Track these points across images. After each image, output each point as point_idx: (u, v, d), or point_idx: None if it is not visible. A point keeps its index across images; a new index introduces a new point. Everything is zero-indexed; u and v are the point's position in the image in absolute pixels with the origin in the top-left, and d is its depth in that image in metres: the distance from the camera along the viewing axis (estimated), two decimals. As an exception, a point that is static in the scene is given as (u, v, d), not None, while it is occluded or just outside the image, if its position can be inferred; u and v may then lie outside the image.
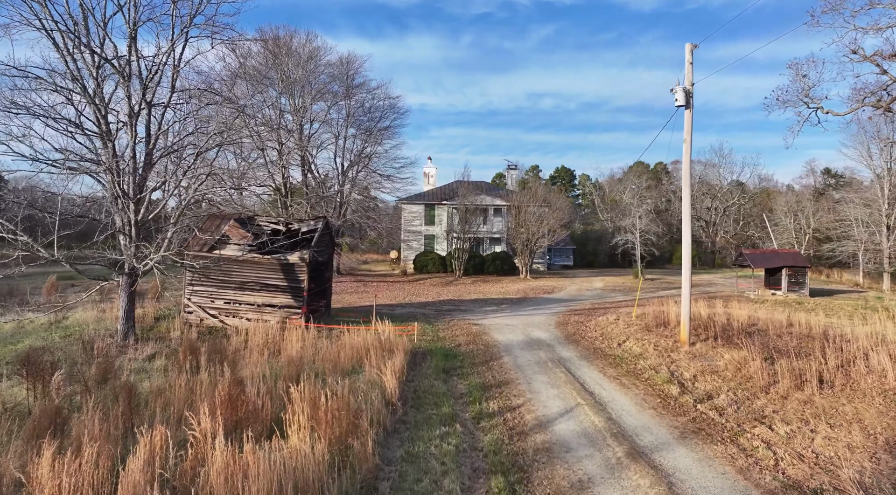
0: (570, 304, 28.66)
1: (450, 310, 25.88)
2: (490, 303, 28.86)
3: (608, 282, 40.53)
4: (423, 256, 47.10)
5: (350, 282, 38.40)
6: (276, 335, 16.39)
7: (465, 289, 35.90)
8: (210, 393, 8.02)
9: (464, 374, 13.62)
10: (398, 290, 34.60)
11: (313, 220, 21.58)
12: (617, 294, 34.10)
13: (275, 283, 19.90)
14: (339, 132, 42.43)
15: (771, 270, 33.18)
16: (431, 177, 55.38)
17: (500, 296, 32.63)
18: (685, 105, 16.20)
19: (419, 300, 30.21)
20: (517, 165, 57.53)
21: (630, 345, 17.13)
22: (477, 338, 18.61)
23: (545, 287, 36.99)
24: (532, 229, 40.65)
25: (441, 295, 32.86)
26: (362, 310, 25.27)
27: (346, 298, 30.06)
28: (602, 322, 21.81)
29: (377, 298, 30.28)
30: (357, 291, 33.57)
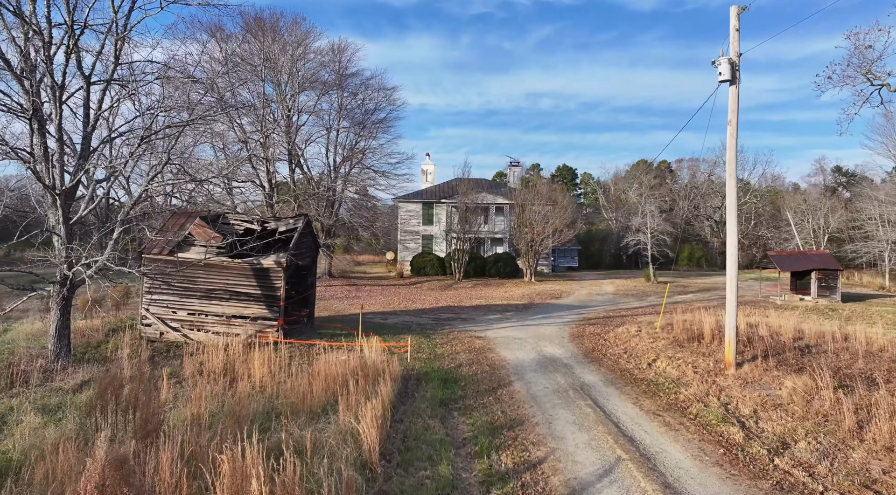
0: (581, 312, 25.98)
1: (449, 319, 23.20)
2: (494, 311, 26.19)
3: (619, 286, 37.89)
4: (421, 258, 44.44)
5: (342, 285, 35.73)
6: (241, 355, 13.70)
7: (466, 294, 33.23)
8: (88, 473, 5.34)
9: (466, 408, 10.94)
10: (393, 295, 31.91)
11: (293, 219, 18.90)
12: (630, 299, 31.44)
13: (246, 291, 17.22)
14: (331, 125, 39.78)
15: (798, 273, 30.55)
16: (429, 174, 52.73)
17: (504, 301, 29.96)
18: (730, 79, 13.54)
19: (415, 307, 27.52)
20: (519, 162, 54.91)
21: (663, 366, 14.45)
22: (481, 355, 15.93)
23: (552, 291, 34.32)
24: (537, 229, 38.00)
25: (439, 300, 30.19)
26: (352, 319, 22.57)
27: (334, 305, 27.35)
28: (622, 334, 19.14)
29: (369, 305, 27.60)
30: (348, 296, 30.88)
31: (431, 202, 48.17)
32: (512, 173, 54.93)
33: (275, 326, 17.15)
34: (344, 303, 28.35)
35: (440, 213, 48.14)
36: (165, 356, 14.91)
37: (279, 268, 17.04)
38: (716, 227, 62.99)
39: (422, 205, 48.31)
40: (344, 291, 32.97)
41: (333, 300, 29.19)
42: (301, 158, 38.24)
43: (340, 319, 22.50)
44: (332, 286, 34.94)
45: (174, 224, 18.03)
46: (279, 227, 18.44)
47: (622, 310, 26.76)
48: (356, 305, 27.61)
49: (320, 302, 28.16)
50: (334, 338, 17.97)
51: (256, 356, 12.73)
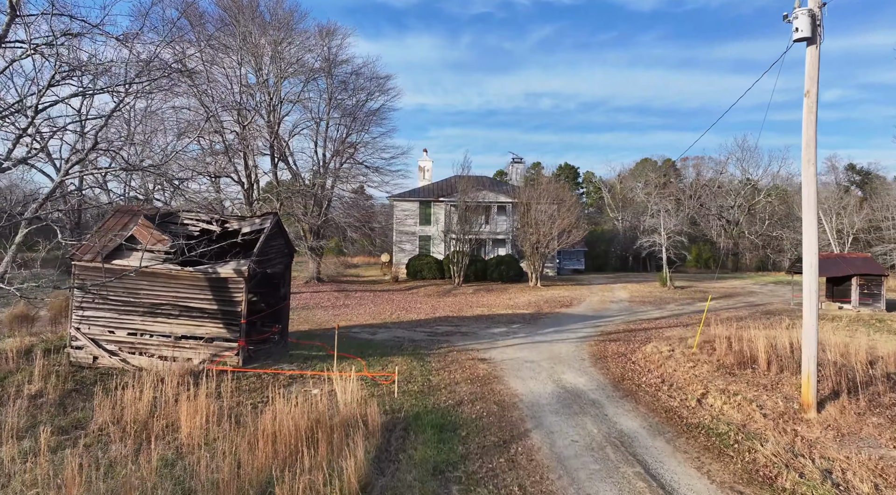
0: (597, 324, 22.92)
1: (447, 334, 20.12)
2: (498, 322, 23.12)
3: (633, 292, 34.83)
4: (418, 260, 41.37)
5: (330, 291, 32.64)
6: (182, 390, 10.62)
7: (466, 301, 30.16)
8: None
9: (470, 479, 7.89)
10: (385, 303, 28.82)
11: (259, 218, 15.79)
12: (649, 307, 28.37)
13: (200, 306, 14.14)
14: (320, 117, 36.69)
15: (835, 279, 27.51)
16: (427, 171, 49.64)
17: (509, 310, 26.88)
18: (809, 38, 10.48)
19: (410, 317, 24.43)
20: (522, 159, 51.80)
21: (718, 404, 11.38)
22: (486, 387, 12.85)
23: (560, 298, 31.25)
24: (543, 230, 34.94)
25: (437, 309, 27.10)
26: (334, 334, 19.50)
27: (317, 316, 24.26)
28: (653, 355, 16.09)
29: (357, 316, 24.51)
30: (335, 305, 27.78)
31: (429, 201, 45.10)
32: (514, 170, 51.83)
33: (234, 349, 14.07)
34: (329, 313, 25.25)
35: (438, 213, 45.08)
36: (90, 391, 11.82)
37: (240, 277, 13.96)
38: (728, 227, 59.97)
39: (419, 204, 45.23)
40: (331, 298, 29.87)
41: (318, 309, 26.09)
42: (287, 152, 35.16)
43: (321, 334, 19.42)
44: (320, 292, 31.85)
45: (116, 224, 14.94)
46: (242, 228, 15.35)
47: (643, 321, 23.69)
48: (343, 315, 24.53)
49: (302, 312, 25.09)
50: (308, 362, 14.89)
51: (190, 396, 9.64)
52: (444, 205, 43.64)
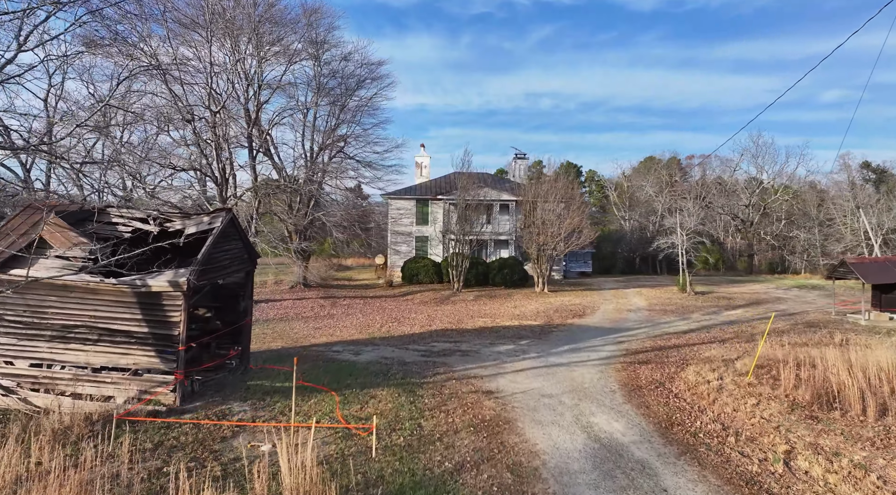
0: (619, 339, 19.80)
1: (444, 354, 16.97)
2: (504, 337, 19.99)
3: (650, 298, 31.69)
4: (414, 263, 38.23)
5: (316, 298, 29.48)
6: (61, 458, 7.49)
7: (467, 310, 27.02)
8: None
9: None
10: (375, 313, 25.68)
11: (209, 216, 12.61)
12: (672, 318, 25.24)
13: (125, 329, 10.99)
14: (308, 106, 33.58)
15: (883, 287, 24.41)
16: (424, 167, 46.52)
17: (515, 321, 23.75)
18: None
19: (402, 331, 21.30)
20: (526, 154, 48.70)
21: (816, 472, 8.25)
22: (495, 438, 9.72)
23: (571, 306, 28.10)
24: (551, 230, 31.79)
25: (433, 319, 23.97)
26: (311, 355, 16.37)
27: (295, 329, 21.11)
28: (698, 384, 12.98)
29: (342, 330, 21.38)
30: (318, 315, 24.62)
31: (426, 199, 41.99)
32: (517, 167, 48.70)
33: (170, 383, 10.93)
34: (310, 325, 22.10)
35: (436, 212, 41.96)
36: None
37: (177, 291, 10.82)
38: (742, 228, 56.79)
39: (415, 203, 42.12)
40: (316, 307, 26.70)
41: (297, 321, 22.93)
42: (270, 144, 32.02)
43: (295, 354, 16.28)
44: (304, 300, 28.69)
45: (23, 224, 11.79)
46: (187, 228, 12.19)
47: (670, 335, 20.56)
48: (325, 328, 21.40)
49: (278, 324, 21.97)
50: (267, 398, 11.75)
51: (71, 465, 6.51)
52: (443, 203, 40.54)
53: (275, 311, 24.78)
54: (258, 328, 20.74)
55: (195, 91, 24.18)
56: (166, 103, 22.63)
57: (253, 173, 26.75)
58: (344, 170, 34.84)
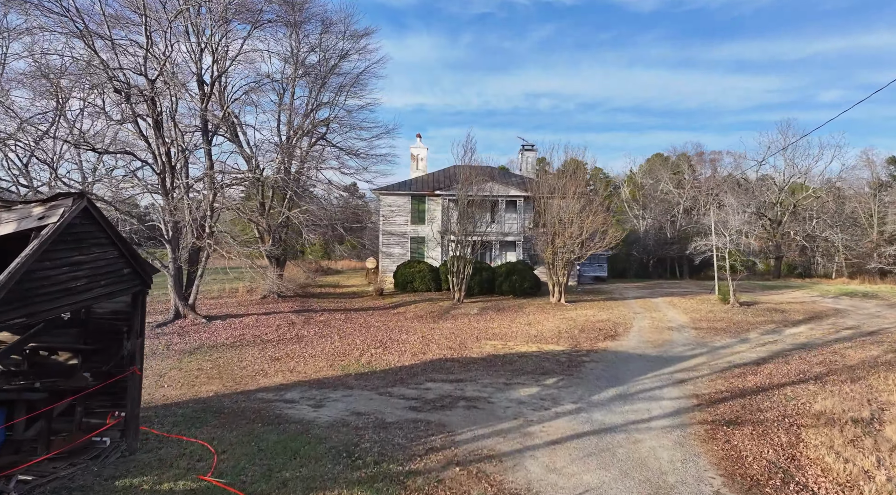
0: (676, 374, 14.80)
1: (442, 407, 11.93)
2: (522, 373, 14.98)
3: (687, 311, 26.65)
4: (408, 268, 33.20)
5: (289, 311, 24.41)
6: None
7: (471, 328, 22.02)
8: None
9: None
10: (358, 332, 20.65)
11: (42, 205, 7.52)
12: (726, 339, 20.23)
13: None
14: (284, 86, 28.59)
15: None
16: (421, 160, 41.48)
17: (533, 345, 18.75)
18: None
19: (386, 362, 16.27)
20: (534, 146, 43.62)
21: None
22: None
23: (598, 323, 23.07)
24: (570, 230, 26.73)
25: (429, 343, 18.96)
26: (250, 411, 11.34)
27: (244, 361, 16.03)
28: (850, 479, 7.98)
29: (308, 361, 16.34)
30: (283, 338, 19.55)
31: (423, 194, 36.96)
32: (524, 160, 43.64)
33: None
34: (267, 354, 17.03)
35: (434, 209, 36.94)
36: None
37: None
38: (770, 228, 51.71)
39: (410, 199, 37.09)
40: (284, 325, 21.62)
41: (252, 347, 17.86)
42: (237, 129, 27.00)
43: (225, 409, 11.25)
44: (272, 314, 23.63)
45: None
46: (2, 225, 7.14)
47: (741, 368, 15.54)
48: (287, 358, 16.36)
49: (225, 352, 16.93)
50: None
51: None
52: (442, 199, 35.54)
53: (228, 332, 19.74)
54: (195, 360, 15.72)
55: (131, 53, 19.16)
56: (85, 63, 17.58)
57: (209, 160, 21.75)
58: (324, 160, 29.84)
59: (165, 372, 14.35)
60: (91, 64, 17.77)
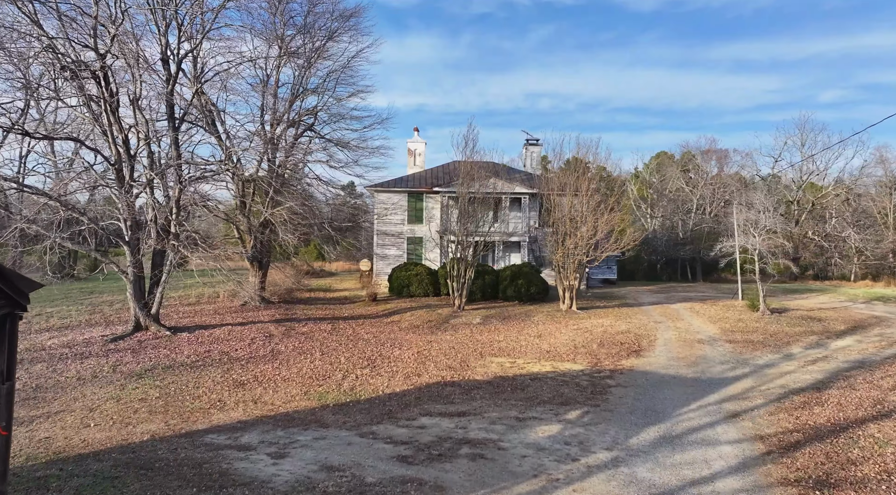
0: (727, 406, 12.15)
1: (440, 458, 9.24)
2: (537, 402, 12.33)
3: (713, 319, 23.96)
4: (404, 271, 30.55)
5: (269, 320, 21.73)
6: None
7: (473, 341, 19.37)
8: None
9: None
10: (343, 347, 17.97)
11: None
12: (770, 355, 17.57)
13: None
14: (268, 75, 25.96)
15: None
16: (419, 155, 38.83)
17: (547, 364, 16.09)
18: None
19: (373, 387, 13.60)
20: (539, 140, 40.94)
21: None
22: None
23: (618, 334, 20.39)
24: (583, 231, 24.05)
25: (425, 361, 16.30)
26: (187, 465, 8.63)
27: (200, 388, 13.32)
28: None
29: (279, 385, 13.66)
30: (255, 355, 16.84)
31: (420, 191, 34.32)
32: (528, 155, 40.95)
33: None
34: (231, 377, 14.34)
35: (433, 207, 34.32)
36: None
37: None
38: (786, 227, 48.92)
39: (406, 196, 34.46)
40: (259, 338, 18.90)
41: (215, 368, 15.14)
42: (215, 117, 24.33)
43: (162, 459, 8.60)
44: (249, 324, 20.94)
45: None
46: None
47: (801, 395, 12.89)
48: (252, 385, 13.67)
49: (185, 373, 14.26)
50: None
51: None
52: (441, 197, 32.91)
53: (193, 347, 17.04)
54: (142, 386, 13.05)
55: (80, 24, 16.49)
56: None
57: (175, 149, 19.09)
58: (311, 152, 27.13)
59: (99, 405, 11.69)
60: (31, 35, 15.13)
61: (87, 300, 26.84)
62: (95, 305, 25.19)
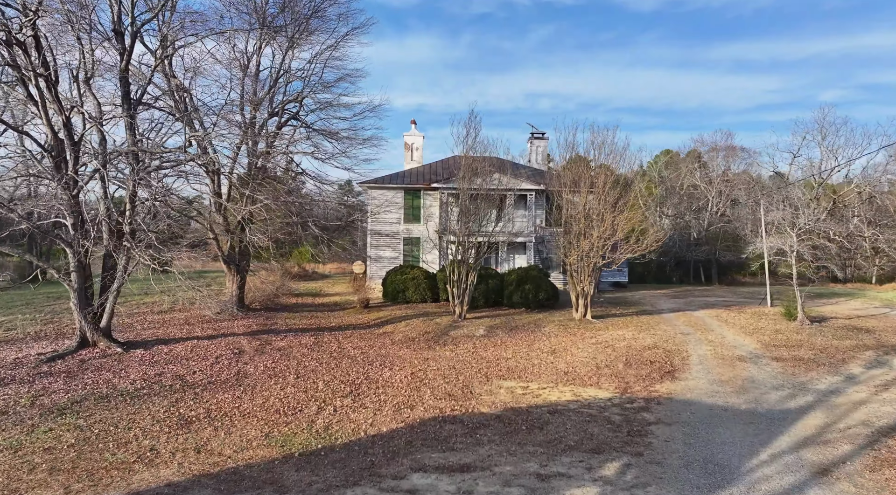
0: (800, 446, 9.45)
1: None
2: (562, 446, 9.61)
3: (746, 329, 21.21)
4: (400, 274, 27.83)
5: (244, 332, 19.00)
6: None
7: (476, 359, 16.64)
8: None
9: None
10: (325, 367, 15.23)
11: None
12: (830, 377, 14.85)
13: None
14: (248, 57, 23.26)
15: None
16: (416, 149, 36.16)
17: (567, 390, 13.37)
18: None
19: (355, 424, 10.86)
20: (544, 134, 38.21)
21: None
22: None
23: (643, 349, 17.65)
24: (603, 230, 21.30)
25: (419, 389, 13.57)
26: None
27: (134, 429, 10.52)
28: None
29: (232, 429, 10.88)
30: (216, 379, 14.08)
31: (418, 188, 31.68)
32: (534, 149, 38.22)
33: None
34: (178, 413, 11.56)
35: (431, 205, 31.68)
36: None
37: None
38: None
39: (403, 193, 31.81)
40: (227, 356, 16.15)
41: (161, 399, 12.35)
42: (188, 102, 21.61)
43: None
44: (221, 338, 18.20)
45: None
46: None
47: (888, 432, 10.16)
48: (203, 423, 10.91)
49: (122, 407, 11.48)
50: None
51: None
52: (440, 194, 30.24)
53: (144, 369, 14.25)
54: (57, 427, 10.28)
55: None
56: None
57: (130, 135, 16.41)
58: (295, 143, 24.37)
59: (-11, 458, 8.93)
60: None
61: (49, 307, 24.12)
62: (56, 313, 22.50)
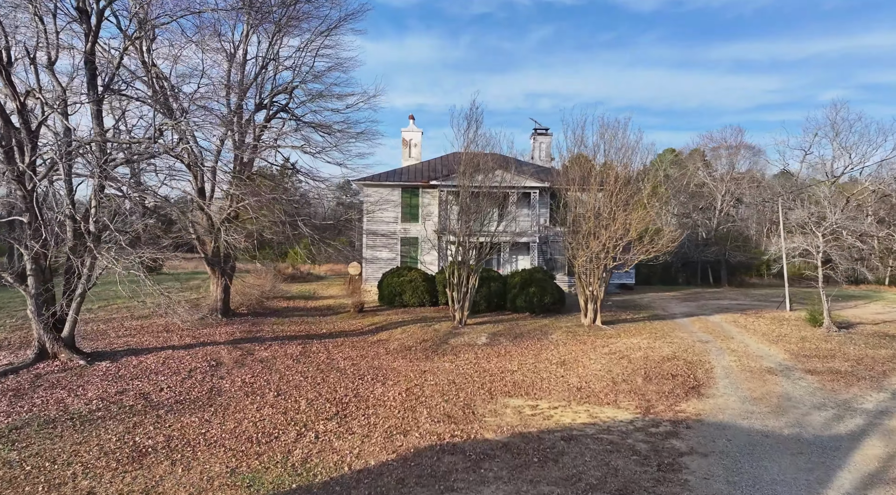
0: (865, 485, 7.87)
1: None
2: (578, 488, 8.02)
3: (768, 337, 19.62)
4: (396, 277, 26.27)
5: (224, 341, 17.44)
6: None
7: (479, 372, 15.08)
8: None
9: None
10: (309, 382, 13.67)
11: None
12: (870, 391, 13.29)
13: None
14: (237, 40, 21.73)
15: None
16: (414, 146, 34.56)
17: (582, 410, 11.81)
18: None
19: (333, 461, 9.27)
20: (549, 130, 36.64)
21: None
22: None
23: (661, 360, 16.07)
24: (615, 230, 19.72)
25: (415, 409, 12.01)
26: None
27: (72, 469, 8.88)
28: None
29: (192, 467, 9.27)
30: (185, 398, 12.47)
31: (416, 185, 30.10)
32: (537, 145, 36.61)
33: None
34: (132, 443, 9.99)
35: (430, 204, 30.11)
36: None
37: None
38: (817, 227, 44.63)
39: (400, 191, 30.23)
40: (203, 369, 14.57)
41: (117, 424, 10.78)
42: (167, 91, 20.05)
43: None
44: (199, 347, 16.63)
45: None
46: None
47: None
48: (156, 462, 9.32)
49: (68, 436, 9.84)
50: None
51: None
52: (439, 192, 28.66)
53: (105, 385, 12.67)
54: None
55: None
56: None
57: (97, 124, 14.87)
58: (283, 136, 22.78)
59: None
60: None
61: (24, 312, 22.57)
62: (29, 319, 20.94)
